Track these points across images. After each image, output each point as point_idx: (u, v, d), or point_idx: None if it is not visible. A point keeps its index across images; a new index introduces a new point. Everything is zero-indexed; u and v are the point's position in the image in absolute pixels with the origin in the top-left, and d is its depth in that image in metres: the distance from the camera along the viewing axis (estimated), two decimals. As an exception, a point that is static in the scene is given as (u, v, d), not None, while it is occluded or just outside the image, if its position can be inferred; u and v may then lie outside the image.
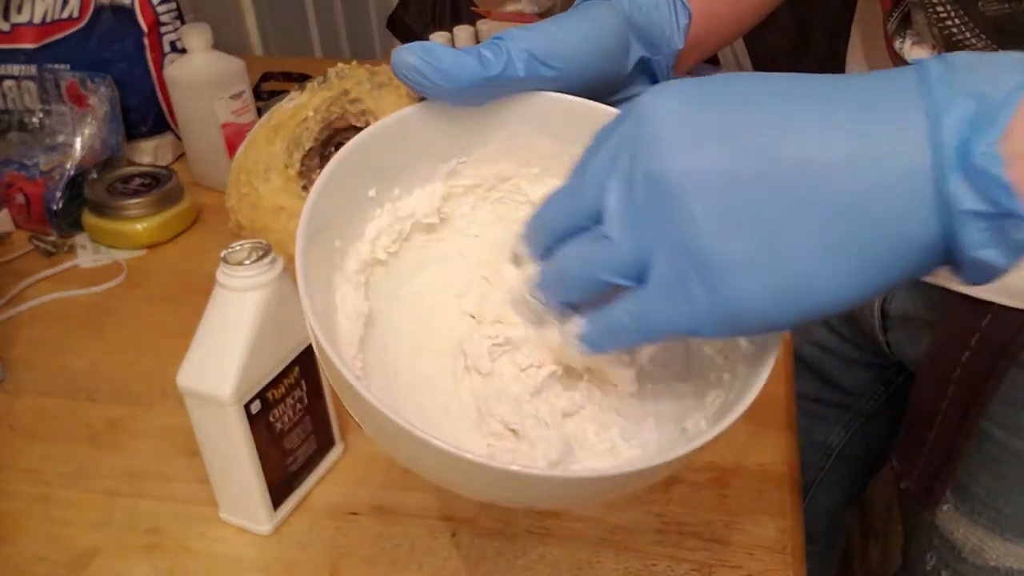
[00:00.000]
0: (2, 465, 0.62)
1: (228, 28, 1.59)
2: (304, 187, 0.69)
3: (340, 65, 0.73)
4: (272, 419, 0.53)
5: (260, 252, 0.51)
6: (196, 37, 0.91)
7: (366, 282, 0.41)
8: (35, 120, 0.93)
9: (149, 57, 0.98)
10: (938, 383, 0.61)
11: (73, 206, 0.88)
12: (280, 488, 0.55)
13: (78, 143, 0.90)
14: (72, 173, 0.88)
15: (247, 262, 0.50)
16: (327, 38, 1.91)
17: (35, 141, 0.92)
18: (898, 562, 0.77)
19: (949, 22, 0.49)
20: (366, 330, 0.40)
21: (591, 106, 0.41)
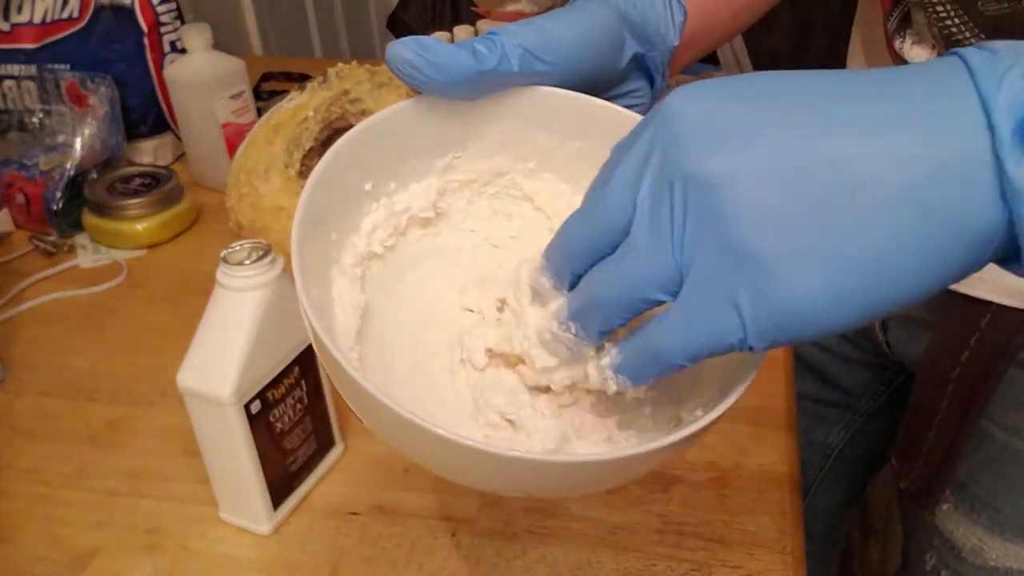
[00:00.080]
0: (2, 465, 0.62)
1: (228, 28, 1.59)
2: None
3: (340, 65, 0.73)
4: (272, 419, 0.53)
5: (260, 252, 0.51)
6: (196, 37, 0.91)
7: (362, 276, 0.41)
8: (35, 120, 0.93)
9: (149, 57, 0.98)
10: (938, 383, 0.61)
11: (73, 206, 0.89)
12: (280, 488, 0.55)
13: (78, 143, 0.90)
14: (72, 173, 0.88)
15: (247, 262, 0.50)
16: (327, 38, 1.91)
17: (35, 141, 0.92)
18: (898, 562, 0.77)
19: (949, 22, 0.49)
20: (363, 323, 0.40)
21: (587, 100, 0.41)
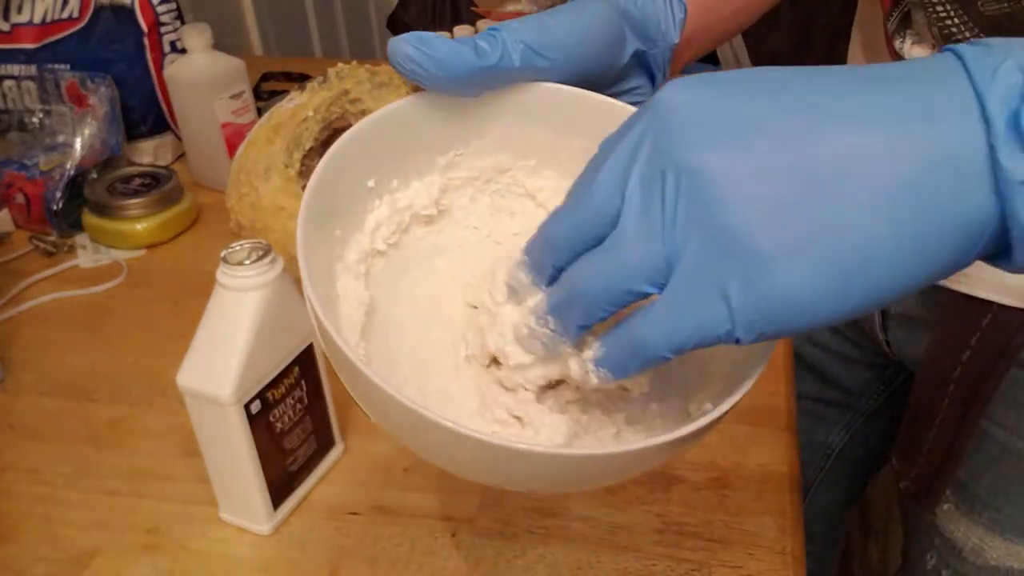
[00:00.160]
0: (2, 465, 0.62)
1: (228, 28, 1.59)
2: (304, 187, 0.69)
3: (340, 65, 0.73)
4: (272, 419, 0.53)
5: (260, 252, 0.51)
6: (196, 37, 0.91)
7: (366, 272, 0.41)
8: (35, 120, 0.93)
9: (149, 57, 0.98)
10: (938, 382, 0.61)
11: (73, 206, 0.88)
12: (280, 488, 0.55)
13: (78, 143, 0.90)
14: (72, 173, 0.88)
15: (247, 262, 0.50)
16: (327, 38, 1.91)
17: (35, 141, 0.92)
18: (898, 562, 0.77)
19: (948, 21, 0.49)
20: (367, 319, 0.40)
21: (589, 97, 0.41)
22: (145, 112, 1.00)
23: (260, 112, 0.98)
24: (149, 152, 1.02)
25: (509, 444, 0.31)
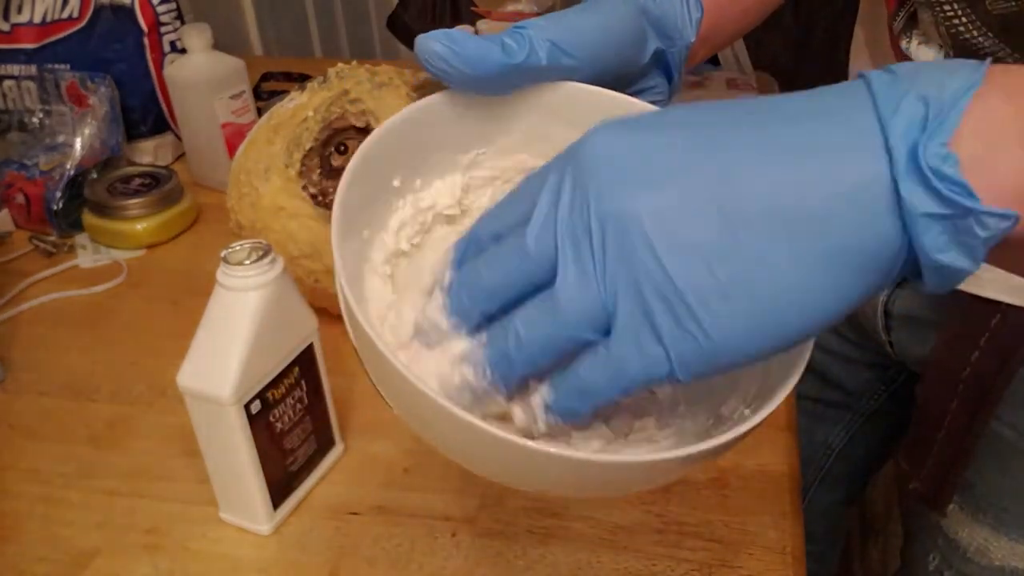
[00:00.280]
0: (2, 465, 0.62)
1: (228, 28, 1.59)
2: (304, 187, 0.69)
3: (340, 65, 0.73)
4: (272, 419, 0.53)
5: (260, 252, 0.51)
6: (196, 37, 0.91)
7: (391, 274, 0.41)
8: (35, 120, 0.93)
9: (149, 57, 0.98)
10: (947, 383, 0.61)
11: (73, 206, 0.88)
12: (280, 488, 0.55)
13: (78, 143, 0.90)
14: (72, 173, 0.88)
15: (247, 262, 0.50)
16: (327, 38, 1.91)
17: (35, 141, 0.92)
18: (898, 562, 0.77)
19: (956, 21, 0.49)
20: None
21: (612, 96, 0.41)
22: (145, 112, 1.00)
23: (260, 112, 0.98)
24: (149, 152, 1.02)
25: (561, 453, 0.31)
